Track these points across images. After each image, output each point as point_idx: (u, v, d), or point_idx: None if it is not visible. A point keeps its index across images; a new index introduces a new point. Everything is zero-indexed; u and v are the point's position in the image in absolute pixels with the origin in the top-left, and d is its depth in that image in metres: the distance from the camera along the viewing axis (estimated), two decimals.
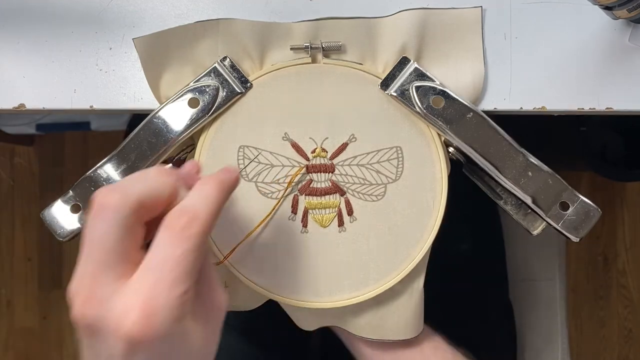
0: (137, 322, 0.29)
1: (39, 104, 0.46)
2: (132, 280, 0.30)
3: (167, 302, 0.30)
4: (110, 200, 0.31)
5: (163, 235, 0.31)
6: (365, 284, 0.44)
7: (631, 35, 0.44)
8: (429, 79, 0.44)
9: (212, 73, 0.44)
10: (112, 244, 0.31)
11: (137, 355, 0.30)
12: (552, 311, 0.77)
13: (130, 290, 0.30)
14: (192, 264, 0.31)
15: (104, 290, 0.30)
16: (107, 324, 0.30)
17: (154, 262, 0.30)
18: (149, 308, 0.29)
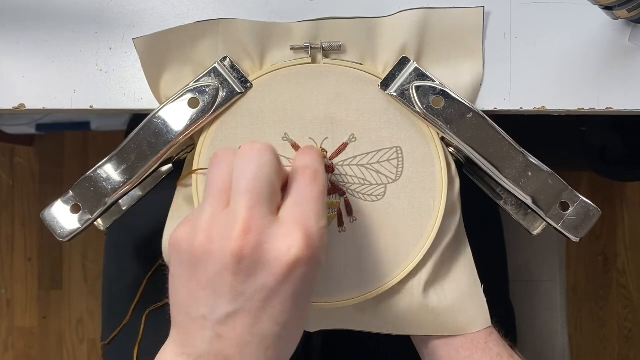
0: (302, 245, 0.33)
1: (39, 104, 0.46)
2: (283, 214, 0.34)
3: (318, 230, 0.34)
4: (257, 144, 0.35)
5: (300, 182, 0.36)
6: (365, 284, 0.44)
7: (631, 35, 0.44)
8: (429, 79, 0.44)
9: (212, 73, 0.44)
10: (269, 179, 0.34)
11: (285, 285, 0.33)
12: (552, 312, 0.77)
13: (285, 222, 0.34)
14: (324, 205, 0.36)
15: (262, 223, 0.33)
16: (268, 252, 0.33)
17: (300, 200, 0.35)
18: (307, 235, 0.33)
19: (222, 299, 0.33)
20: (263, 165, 0.34)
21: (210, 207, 0.34)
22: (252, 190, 0.33)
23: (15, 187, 1.37)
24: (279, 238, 0.33)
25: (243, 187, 0.33)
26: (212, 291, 0.33)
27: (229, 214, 0.33)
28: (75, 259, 1.34)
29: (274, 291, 0.33)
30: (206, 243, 0.33)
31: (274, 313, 0.33)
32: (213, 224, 0.34)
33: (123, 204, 0.48)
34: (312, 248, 0.33)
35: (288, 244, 0.33)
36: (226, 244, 0.32)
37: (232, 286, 0.33)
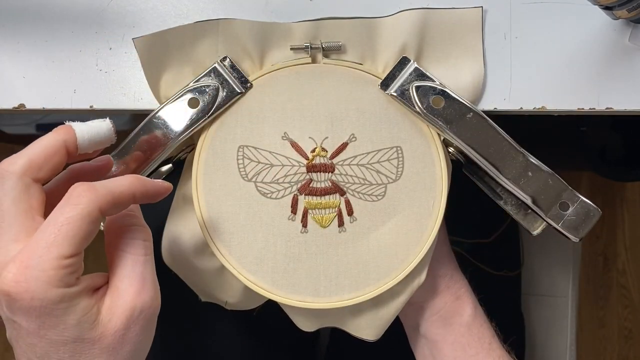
0: (13, 276, 0.30)
1: (39, 104, 0.46)
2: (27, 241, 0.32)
3: (43, 262, 0.30)
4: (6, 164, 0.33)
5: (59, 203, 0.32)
6: (365, 284, 0.44)
7: (631, 35, 0.44)
8: (429, 79, 0.44)
9: (212, 73, 0.44)
10: (8, 207, 0.32)
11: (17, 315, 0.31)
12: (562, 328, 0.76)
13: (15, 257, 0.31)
14: (76, 231, 0.31)
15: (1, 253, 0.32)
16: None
17: (42, 226, 0.32)
18: (24, 264, 0.30)
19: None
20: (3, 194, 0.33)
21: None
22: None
23: None
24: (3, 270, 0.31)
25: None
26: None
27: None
28: None
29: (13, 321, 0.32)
30: None
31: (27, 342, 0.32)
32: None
33: None
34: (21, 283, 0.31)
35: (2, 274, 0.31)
36: None
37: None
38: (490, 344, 0.46)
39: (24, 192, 0.33)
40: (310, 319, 0.48)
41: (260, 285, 0.44)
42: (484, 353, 0.46)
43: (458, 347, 0.46)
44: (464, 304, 0.47)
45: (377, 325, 0.47)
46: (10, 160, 0.34)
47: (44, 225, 0.32)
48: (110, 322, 0.33)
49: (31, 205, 0.33)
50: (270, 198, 0.44)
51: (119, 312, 0.33)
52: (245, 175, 0.44)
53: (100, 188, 0.33)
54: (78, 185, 0.32)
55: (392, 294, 0.46)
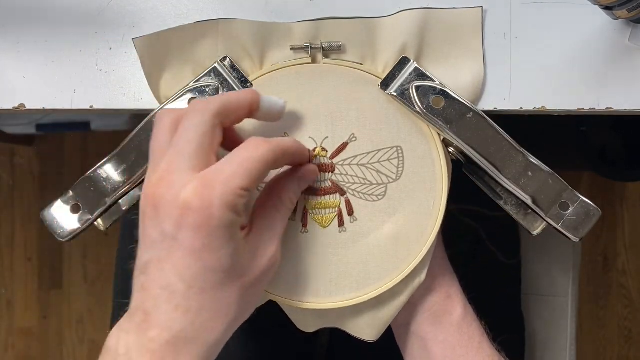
0: (193, 191, 0.33)
1: (39, 104, 0.46)
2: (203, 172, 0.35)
3: (224, 187, 0.34)
4: (196, 105, 0.37)
5: (238, 148, 0.36)
6: (365, 284, 0.44)
7: (631, 35, 0.44)
8: (429, 79, 0.44)
9: (212, 73, 0.44)
10: (193, 137, 0.35)
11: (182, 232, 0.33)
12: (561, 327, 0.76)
13: (200, 174, 0.34)
14: (254, 169, 0.35)
15: (176, 177, 0.34)
16: (168, 198, 0.34)
17: (226, 160, 0.35)
18: (207, 184, 0.33)
19: (143, 246, 0.36)
20: (193, 125, 0.35)
21: (150, 164, 0.37)
22: (176, 146, 0.35)
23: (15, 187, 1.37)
24: (182, 187, 0.34)
25: (172, 142, 0.36)
26: (141, 239, 0.36)
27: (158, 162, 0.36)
28: (75, 259, 1.34)
29: (174, 238, 0.34)
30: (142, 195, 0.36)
31: (177, 265, 0.34)
32: (149, 177, 0.36)
33: (123, 203, 0.48)
34: (205, 198, 0.33)
35: (181, 189, 0.34)
36: (145, 191, 0.35)
37: (147, 232, 0.35)
38: (480, 343, 0.46)
39: (211, 130, 0.36)
40: (311, 319, 0.48)
41: None
42: (473, 352, 0.46)
43: (448, 347, 0.46)
44: (455, 302, 0.47)
45: (377, 325, 0.46)
46: (208, 100, 0.37)
47: (227, 157, 0.35)
48: (257, 265, 0.37)
49: (212, 143, 0.36)
50: None
51: (265, 259, 0.37)
52: None
53: (274, 141, 0.37)
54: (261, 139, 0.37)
55: (393, 294, 0.46)
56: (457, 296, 0.48)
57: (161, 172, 0.35)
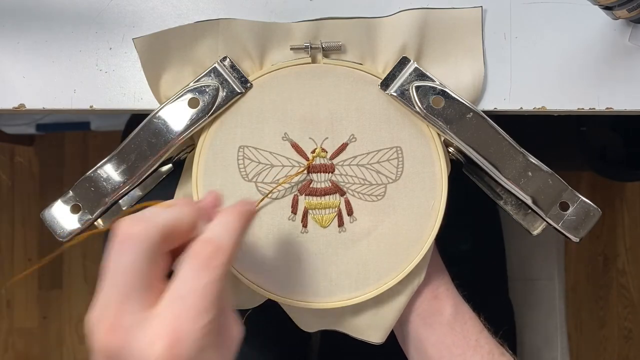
0: (163, 353, 0.29)
1: (39, 104, 0.46)
2: (157, 310, 0.31)
3: (192, 333, 0.30)
4: (135, 229, 0.31)
5: (188, 265, 0.32)
6: (365, 284, 0.44)
7: (631, 35, 0.44)
8: (429, 79, 0.44)
9: (212, 73, 0.44)
10: (138, 273, 0.31)
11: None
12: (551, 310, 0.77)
13: (156, 320, 0.30)
14: (216, 294, 0.31)
15: (128, 319, 0.31)
16: (131, 354, 0.30)
17: (179, 292, 0.31)
18: (174, 339, 0.30)
19: None
20: (132, 258, 0.31)
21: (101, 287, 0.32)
22: (119, 285, 0.31)
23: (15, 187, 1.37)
24: (145, 339, 0.30)
25: (109, 281, 0.32)
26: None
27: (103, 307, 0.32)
28: (75, 259, 1.34)
29: None
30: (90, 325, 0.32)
31: None
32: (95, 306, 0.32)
33: (123, 204, 0.48)
34: (179, 356, 0.30)
35: (149, 350, 0.30)
36: (96, 337, 0.31)
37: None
38: (478, 341, 0.46)
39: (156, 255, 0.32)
40: (311, 318, 0.48)
41: (260, 285, 0.44)
42: (471, 351, 0.45)
43: (443, 348, 0.46)
44: (443, 303, 0.47)
45: (378, 326, 0.46)
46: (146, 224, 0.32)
47: (183, 292, 0.31)
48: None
49: (160, 270, 0.33)
50: (271, 198, 0.44)
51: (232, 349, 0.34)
52: (245, 176, 0.44)
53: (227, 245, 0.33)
54: (205, 244, 0.32)
55: (393, 294, 0.46)
56: (446, 296, 0.47)
57: (111, 319, 0.31)
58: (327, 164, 0.44)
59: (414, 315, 0.47)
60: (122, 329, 0.30)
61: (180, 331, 0.30)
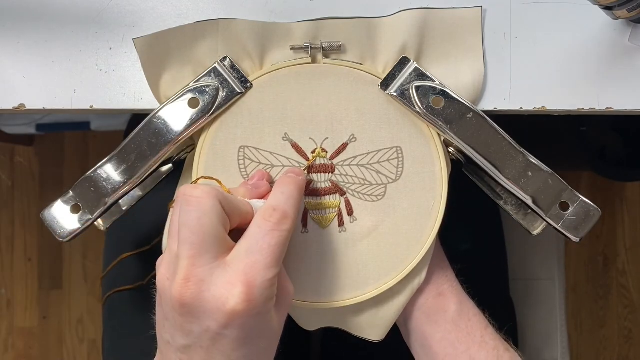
0: (240, 297, 0.33)
1: (39, 104, 0.46)
2: (229, 262, 0.35)
3: (263, 283, 0.34)
4: (199, 191, 0.35)
5: (258, 228, 0.36)
6: (365, 284, 0.44)
7: (631, 35, 0.44)
8: (429, 79, 0.44)
9: (212, 73, 0.44)
10: (209, 228, 0.34)
11: (229, 330, 0.34)
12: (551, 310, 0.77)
13: (230, 270, 0.34)
14: (282, 253, 0.36)
15: (202, 271, 0.34)
16: (207, 301, 0.34)
17: (251, 248, 0.35)
18: (249, 286, 0.34)
19: (177, 333, 0.35)
20: (203, 215, 0.34)
21: (168, 246, 0.36)
22: (192, 240, 0.34)
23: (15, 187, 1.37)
24: (219, 287, 0.34)
25: (183, 237, 0.34)
26: (170, 323, 0.36)
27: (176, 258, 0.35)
28: (75, 259, 1.34)
29: (218, 334, 0.34)
30: (162, 280, 0.36)
31: (225, 351, 0.35)
32: (165, 264, 0.36)
33: (123, 204, 0.48)
34: (252, 302, 0.34)
35: (226, 295, 0.34)
36: (170, 289, 0.35)
37: (181, 324, 0.35)
38: (483, 337, 0.46)
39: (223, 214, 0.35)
40: (311, 318, 0.48)
41: None
42: (476, 347, 0.46)
43: (447, 344, 0.46)
44: (447, 300, 0.47)
45: (378, 325, 0.47)
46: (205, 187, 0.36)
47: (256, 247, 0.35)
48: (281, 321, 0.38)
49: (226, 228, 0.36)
50: None
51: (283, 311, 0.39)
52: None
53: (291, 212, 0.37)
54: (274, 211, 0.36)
55: (393, 294, 0.46)
56: (450, 293, 0.47)
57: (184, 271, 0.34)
58: (327, 164, 0.44)
59: (418, 312, 0.47)
60: (197, 279, 0.34)
61: (254, 280, 0.34)
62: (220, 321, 0.34)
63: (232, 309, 0.34)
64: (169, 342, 0.36)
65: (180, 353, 0.36)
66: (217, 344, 0.35)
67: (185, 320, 0.35)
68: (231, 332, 0.34)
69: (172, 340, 0.36)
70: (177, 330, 0.35)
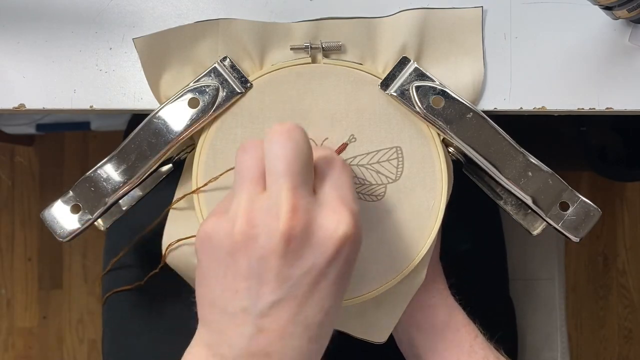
0: (350, 222, 0.32)
1: (39, 104, 0.46)
2: (322, 195, 0.34)
3: (357, 210, 0.34)
4: (286, 125, 0.33)
5: (334, 168, 0.35)
6: (365, 284, 0.44)
7: (631, 35, 0.44)
8: (429, 79, 0.44)
9: (212, 73, 0.44)
10: (306, 159, 0.33)
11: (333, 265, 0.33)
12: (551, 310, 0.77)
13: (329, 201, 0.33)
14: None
15: (306, 202, 0.32)
16: (317, 231, 0.32)
17: (338, 183, 0.35)
18: (353, 212, 0.33)
19: (266, 287, 0.32)
20: (298, 145, 0.33)
21: (246, 194, 0.33)
22: (292, 171, 0.32)
23: (15, 187, 1.37)
24: (326, 217, 0.32)
25: (282, 169, 0.32)
26: (255, 280, 0.32)
27: (270, 197, 0.32)
28: (75, 259, 1.34)
29: (322, 273, 0.32)
30: (248, 229, 0.32)
31: (321, 297, 0.33)
32: (253, 209, 0.32)
33: (123, 204, 0.48)
34: (358, 226, 0.33)
35: (336, 221, 0.32)
36: (273, 226, 0.31)
37: (278, 271, 0.32)
38: (472, 347, 0.46)
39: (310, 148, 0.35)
40: None
41: None
42: (464, 357, 0.46)
43: (436, 354, 0.46)
44: (437, 311, 0.47)
45: (379, 325, 0.46)
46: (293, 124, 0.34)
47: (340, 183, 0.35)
48: None
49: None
50: None
51: None
52: None
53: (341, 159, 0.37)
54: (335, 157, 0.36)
55: (393, 294, 0.46)
56: (440, 304, 0.48)
57: (291, 203, 0.32)
58: None
59: (409, 322, 0.48)
60: (304, 208, 0.32)
61: (353, 207, 0.34)
62: (329, 252, 0.32)
63: (344, 234, 0.32)
64: (246, 310, 0.32)
65: (262, 318, 0.32)
66: (316, 289, 0.32)
67: (286, 262, 0.32)
68: (333, 270, 0.32)
69: (254, 304, 0.32)
70: (268, 283, 0.32)
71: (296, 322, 0.32)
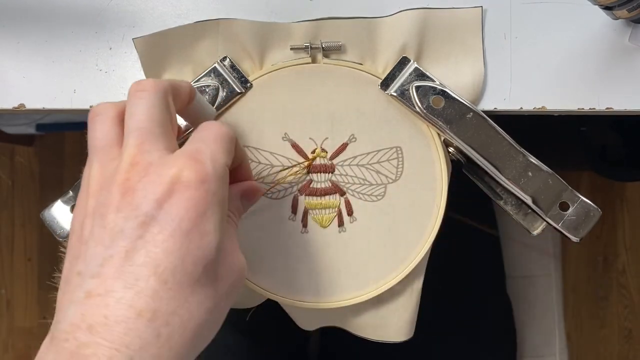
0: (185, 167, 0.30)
1: (39, 104, 0.46)
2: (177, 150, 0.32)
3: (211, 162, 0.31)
4: (147, 83, 0.33)
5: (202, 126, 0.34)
6: (365, 284, 0.44)
7: (631, 35, 0.44)
8: (429, 79, 0.44)
9: (212, 73, 0.44)
10: (157, 116, 0.32)
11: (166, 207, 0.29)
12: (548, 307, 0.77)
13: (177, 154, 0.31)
14: (230, 147, 0.34)
15: (149, 156, 0.31)
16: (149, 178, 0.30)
17: (197, 138, 0.33)
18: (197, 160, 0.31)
19: (99, 246, 0.29)
20: (152, 105, 0.32)
21: (97, 163, 0.32)
22: (141, 127, 0.32)
23: (15, 187, 1.37)
24: (165, 165, 0.30)
25: (132, 126, 0.32)
26: (92, 242, 0.29)
27: (119, 157, 0.31)
28: None
29: (153, 218, 0.29)
30: (96, 195, 0.31)
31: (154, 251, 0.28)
32: (102, 174, 0.31)
33: None
34: (200, 172, 0.30)
35: (173, 167, 0.30)
36: (113, 182, 0.30)
37: (113, 226, 0.29)
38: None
39: (169, 108, 0.34)
40: (311, 318, 0.48)
41: (260, 284, 0.44)
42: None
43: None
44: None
45: (379, 324, 0.47)
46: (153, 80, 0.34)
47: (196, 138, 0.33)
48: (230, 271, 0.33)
49: (174, 121, 0.34)
50: (271, 198, 0.44)
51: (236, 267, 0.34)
52: None
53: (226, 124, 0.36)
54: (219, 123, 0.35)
55: (393, 294, 0.46)
56: None
57: (132, 157, 0.30)
58: (327, 164, 0.44)
59: None
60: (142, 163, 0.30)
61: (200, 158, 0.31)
62: (156, 194, 0.29)
63: (174, 176, 0.30)
64: (81, 273, 0.29)
65: (91, 278, 0.28)
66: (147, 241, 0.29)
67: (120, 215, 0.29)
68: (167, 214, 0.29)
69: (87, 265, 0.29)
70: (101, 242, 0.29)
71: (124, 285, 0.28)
